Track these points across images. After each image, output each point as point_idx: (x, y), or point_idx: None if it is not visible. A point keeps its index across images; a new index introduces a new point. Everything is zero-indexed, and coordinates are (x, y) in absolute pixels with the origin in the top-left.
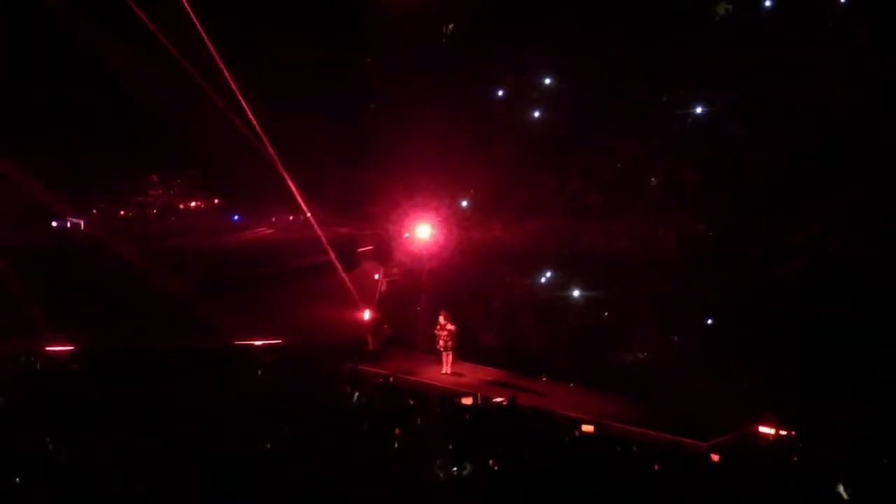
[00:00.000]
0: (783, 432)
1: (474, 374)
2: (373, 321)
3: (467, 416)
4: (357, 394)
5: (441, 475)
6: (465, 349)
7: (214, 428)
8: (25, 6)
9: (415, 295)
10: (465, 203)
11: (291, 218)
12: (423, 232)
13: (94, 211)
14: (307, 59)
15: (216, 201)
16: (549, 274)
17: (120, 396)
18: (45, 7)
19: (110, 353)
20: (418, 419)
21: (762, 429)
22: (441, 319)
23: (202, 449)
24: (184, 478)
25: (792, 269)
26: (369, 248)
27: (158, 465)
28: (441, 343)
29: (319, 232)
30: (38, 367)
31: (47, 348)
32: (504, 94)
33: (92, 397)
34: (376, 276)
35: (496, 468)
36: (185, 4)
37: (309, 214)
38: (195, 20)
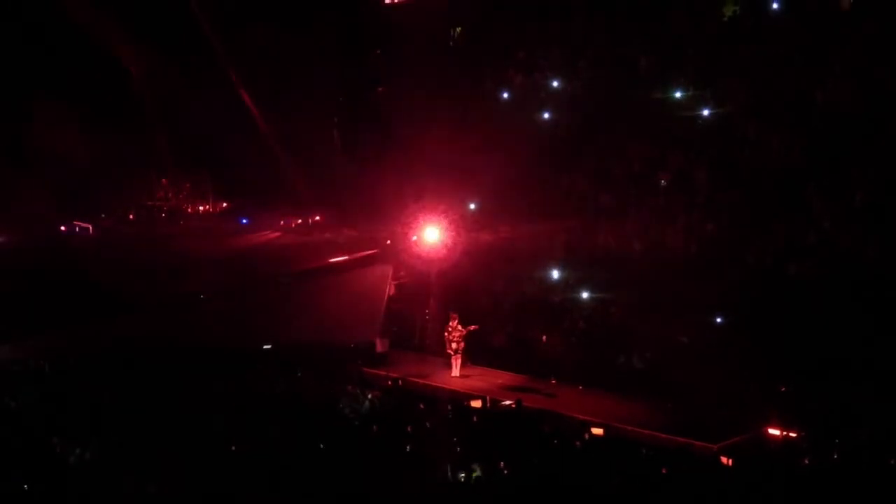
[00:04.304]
0: (794, 434)
1: (483, 377)
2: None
3: (475, 419)
4: (369, 396)
5: (450, 478)
6: (474, 352)
7: (223, 430)
8: (26, 8)
9: (424, 298)
10: (474, 205)
11: (300, 221)
12: (432, 234)
13: (103, 215)
14: (317, 62)
15: (225, 205)
16: (558, 275)
17: (128, 398)
18: (51, 10)
19: (117, 355)
20: (427, 422)
21: (773, 430)
22: (452, 322)
23: (211, 450)
24: (193, 479)
25: (803, 267)
26: (377, 251)
27: (167, 466)
28: (452, 346)
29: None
30: (47, 369)
31: (55, 350)
32: (513, 94)
33: (100, 399)
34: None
35: (505, 471)
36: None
37: (318, 218)
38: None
